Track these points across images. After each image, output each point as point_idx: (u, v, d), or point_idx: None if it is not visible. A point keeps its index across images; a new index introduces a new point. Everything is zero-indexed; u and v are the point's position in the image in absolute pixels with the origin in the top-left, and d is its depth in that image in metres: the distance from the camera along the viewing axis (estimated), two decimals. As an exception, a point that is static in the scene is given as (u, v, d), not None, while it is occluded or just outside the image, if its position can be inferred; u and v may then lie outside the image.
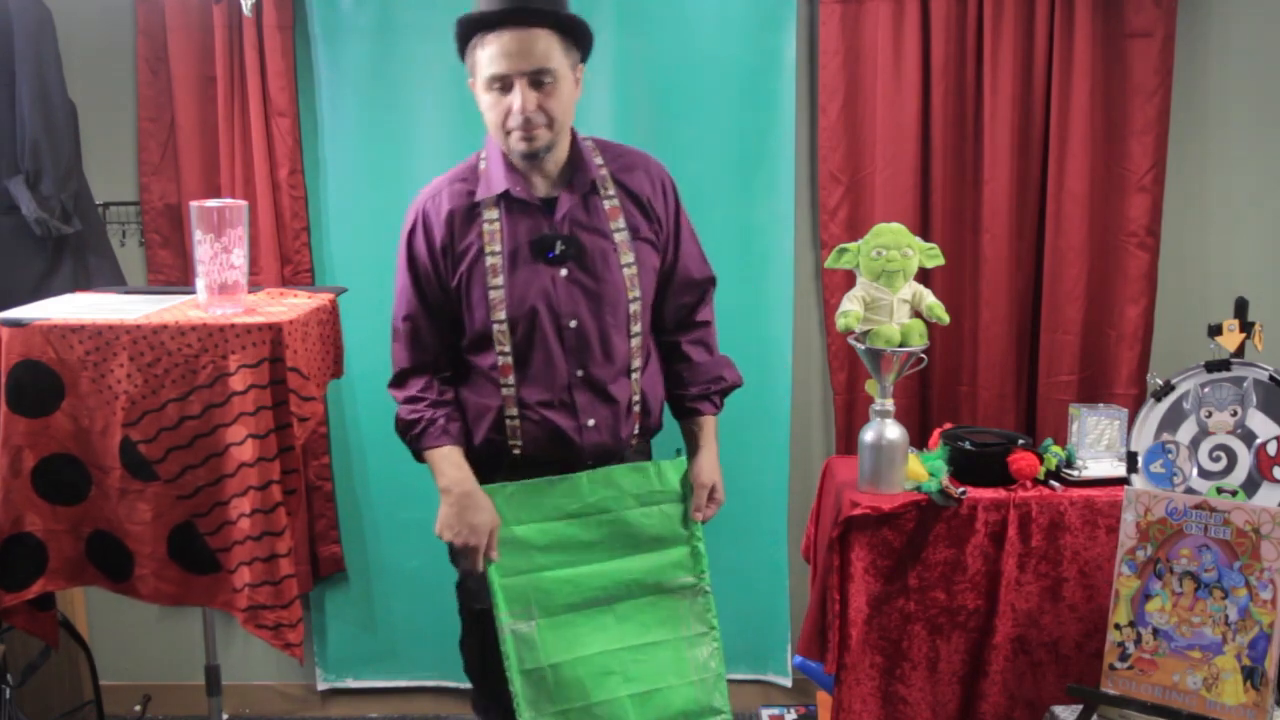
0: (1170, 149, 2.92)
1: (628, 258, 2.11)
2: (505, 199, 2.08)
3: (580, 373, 2.10)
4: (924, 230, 2.96)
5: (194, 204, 2.11)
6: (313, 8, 2.95)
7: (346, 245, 3.07)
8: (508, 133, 2.02)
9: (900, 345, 2.55)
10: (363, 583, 3.23)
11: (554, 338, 2.08)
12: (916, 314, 2.61)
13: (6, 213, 2.89)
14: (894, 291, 2.57)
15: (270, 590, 2.08)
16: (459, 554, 2.11)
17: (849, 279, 2.76)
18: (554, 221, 2.08)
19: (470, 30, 2.00)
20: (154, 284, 3.07)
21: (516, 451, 2.13)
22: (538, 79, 1.98)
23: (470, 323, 2.11)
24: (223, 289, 2.11)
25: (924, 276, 2.77)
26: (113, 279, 3.00)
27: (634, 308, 2.12)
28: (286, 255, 3.04)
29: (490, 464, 2.14)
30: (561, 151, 2.10)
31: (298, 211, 3.02)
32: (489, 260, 2.06)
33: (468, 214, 2.09)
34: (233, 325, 2.04)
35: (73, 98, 2.95)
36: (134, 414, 2.03)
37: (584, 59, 2.11)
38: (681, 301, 2.25)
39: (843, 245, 2.64)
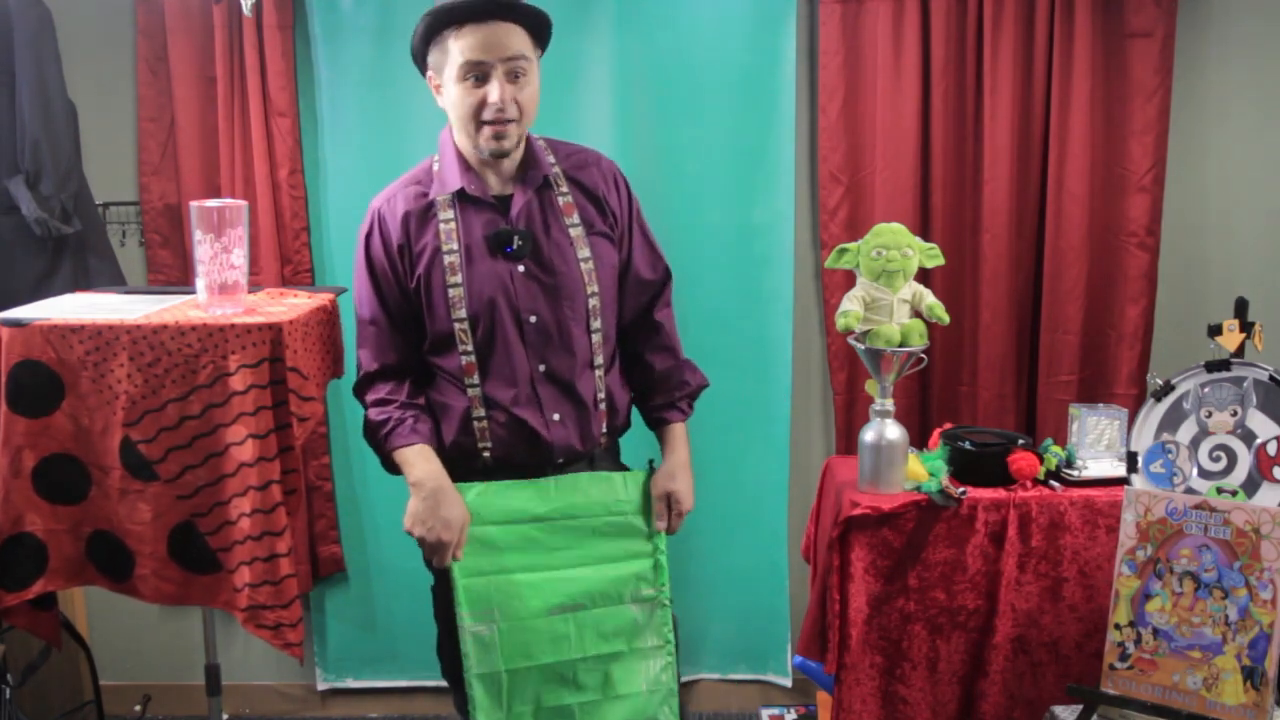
0: (1170, 149, 2.92)
1: (584, 252, 2.12)
2: (460, 197, 2.09)
3: (542, 368, 2.10)
4: (924, 230, 2.96)
5: (194, 204, 2.11)
6: (313, 8, 2.95)
7: (346, 245, 3.06)
8: (480, 125, 2.02)
9: (900, 345, 2.55)
10: (363, 583, 3.24)
11: (514, 333, 2.08)
12: (916, 314, 2.61)
13: (6, 213, 2.89)
14: (894, 291, 2.57)
15: (270, 590, 2.08)
16: (430, 549, 2.09)
17: (849, 279, 2.76)
18: (509, 218, 2.09)
19: (445, 22, 2.00)
20: (154, 284, 3.07)
21: (486, 455, 2.12)
22: (513, 70, 2.00)
23: (431, 323, 2.10)
24: (223, 289, 2.11)
25: (924, 276, 2.77)
26: (113, 279, 3.00)
27: (593, 302, 2.12)
28: (286, 255, 3.04)
29: (460, 469, 2.13)
30: (519, 150, 2.11)
31: (298, 211, 3.02)
32: (446, 259, 2.06)
33: (423, 215, 2.09)
34: (233, 325, 2.03)
35: (73, 98, 2.96)
36: (134, 414, 2.03)
37: (543, 52, 2.13)
38: (637, 301, 2.24)
39: (843, 245, 2.64)
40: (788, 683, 3.28)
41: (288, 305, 2.24)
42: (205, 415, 2.02)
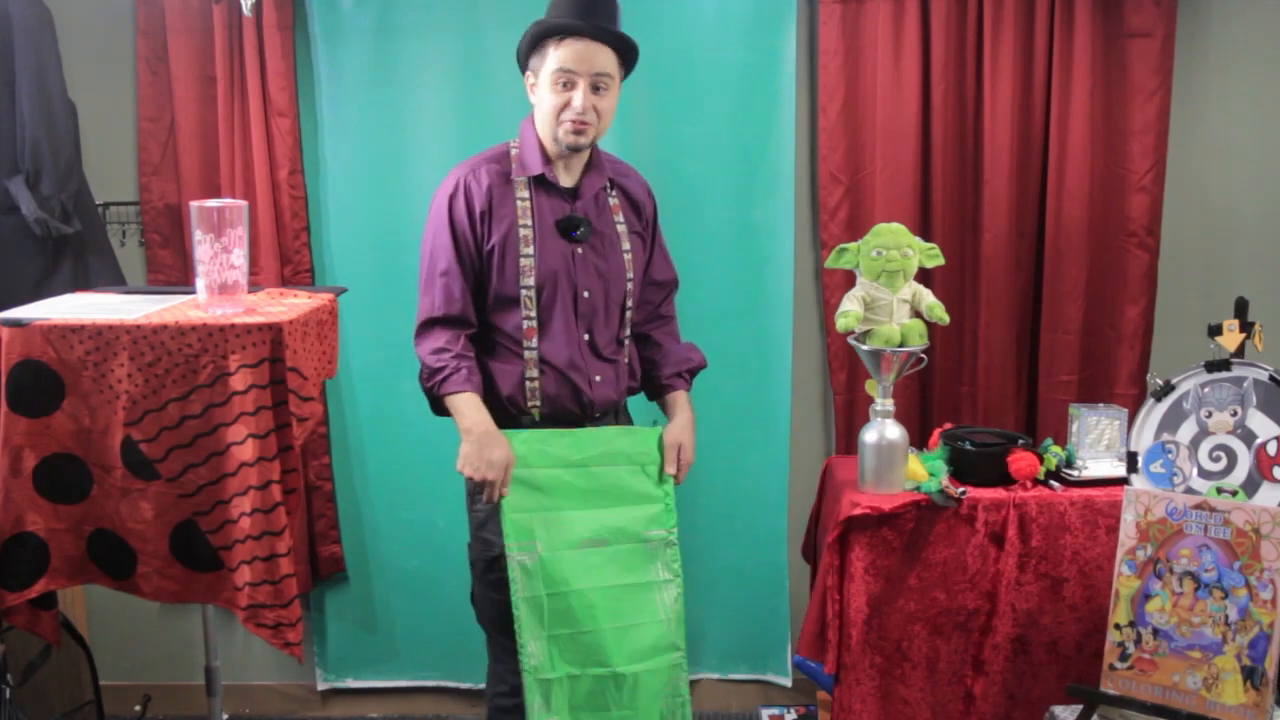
0: (1170, 149, 2.92)
1: (626, 245, 2.43)
2: (537, 181, 2.35)
3: (586, 337, 2.39)
4: (924, 230, 2.96)
5: (194, 204, 2.11)
6: (313, 8, 2.95)
7: (346, 245, 3.07)
8: (560, 123, 2.28)
9: (900, 345, 2.55)
10: (363, 583, 3.23)
11: (570, 305, 2.36)
12: (916, 314, 2.61)
13: (6, 213, 2.89)
14: (894, 291, 2.57)
15: (270, 589, 2.08)
16: (477, 487, 2.32)
17: (849, 279, 2.76)
18: (576, 206, 2.37)
19: (550, 34, 2.27)
20: (154, 284, 3.07)
21: (536, 411, 2.36)
22: (597, 83, 2.28)
23: (499, 285, 2.33)
24: (223, 289, 2.11)
25: (924, 276, 2.77)
26: (113, 279, 3.00)
27: (629, 286, 2.43)
28: (286, 255, 3.04)
29: (511, 425, 2.36)
30: (589, 151, 2.40)
31: (298, 211, 3.02)
32: (521, 231, 2.32)
33: (503, 189, 2.34)
34: (233, 325, 2.03)
35: (73, 98, 2.95)
36: (135, 413, 2.03)
37: (627, 74, 2.42)
38: (649, 299, 2.53)
39: (843, 245, 2.64)
40: (788, 683, 3.28)
41: (288, 305, 2.24)
42: (206, 414, 2.03)
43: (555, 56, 2.26)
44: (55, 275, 2.93)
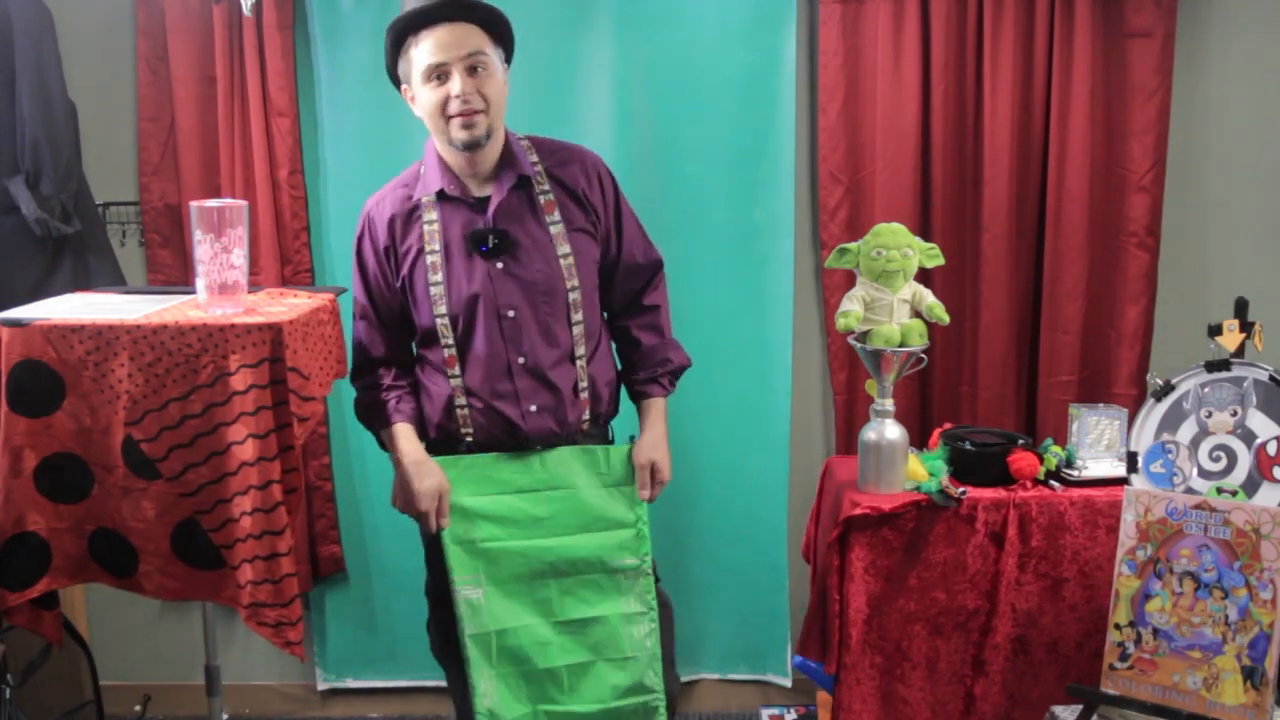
0: (1170, 149, 2.92)
1: (564, 249, 2.22)
2: (441, 199, 2.22)
3: (522, 360, 2.22)
4: (924, 230, 2.96)
5: (194, 204, 2.11)
6: (313, 8, 2.95)
7: (346, 245, 3.05)
8: (448, 120, 2.13)
9: (900, 345, 2.55)
10: (363, 583, 3.24)
11: (494, 328, 2.21)
12: (916, 314, 2.61)
13: (6, 213, 2.89)
14: (894, 291, 2.57)
15: (271, 589, 2.08)
16: (415, 521, 2.25)
17: (849, 279, 2.76)
18: (486, 217, 2.20)
19: (405, 31, 2.13)
20: (154, 284, 3.07)
21: (469, 438, 2.27)
22: (472, 66, 2.12)
23: (417, 318, 2.26)
24: (223, 289, 2.11)
25: (924, 276, 2.77)
26: (113, 279, 3.00)
27: (573, 296, 2.23)
28: (286, 255, 3.04)
29: (445, 452, 2.30)
30: (495, 149, 2.21)
31: (298, 211, 3.02)
32: (429, 259, 2.20)
33: (407, 217, 2.23)
34: (233, 325, 2.03)
35: (73, 98, 2.95)
36: (136, 413, 2.03)
37: (509, 59, 2.24)
38: (629, 286, 2.36)
39: (843, 245, 2.64)
40: (788, 683, 3.27)
41: (288, 305, 2.24)
42: (207, 414, 2.03)
43: (419, 53, 2.11)
44: (55, 275, 2.93)
